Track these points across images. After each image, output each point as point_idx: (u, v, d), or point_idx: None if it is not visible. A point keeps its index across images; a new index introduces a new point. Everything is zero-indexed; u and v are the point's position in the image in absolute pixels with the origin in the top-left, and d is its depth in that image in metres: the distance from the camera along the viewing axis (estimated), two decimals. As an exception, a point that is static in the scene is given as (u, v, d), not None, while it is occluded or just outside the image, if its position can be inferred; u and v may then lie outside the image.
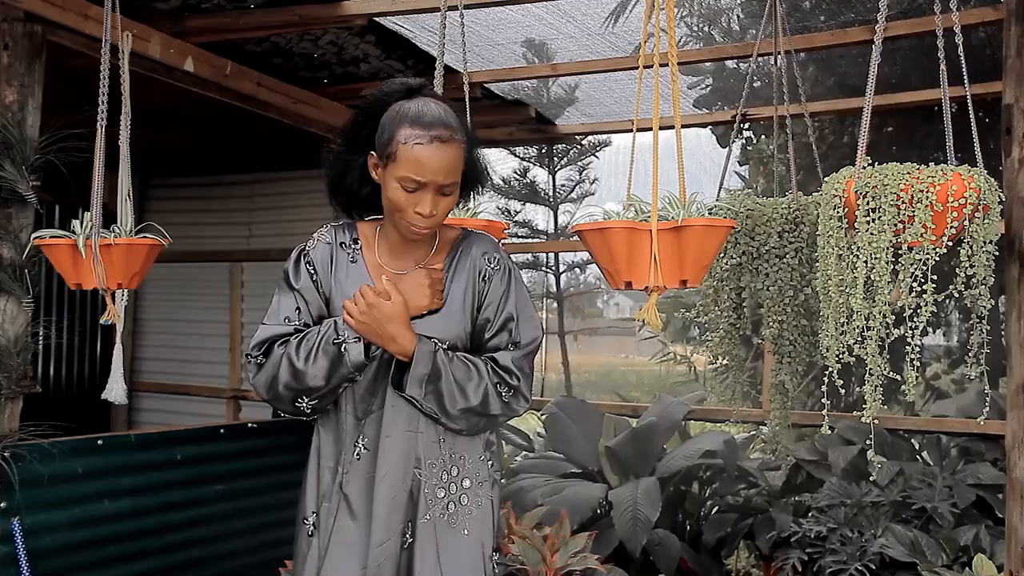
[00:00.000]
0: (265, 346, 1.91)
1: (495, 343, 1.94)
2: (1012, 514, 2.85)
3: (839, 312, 2.28)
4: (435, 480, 1.91)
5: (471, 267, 1.96)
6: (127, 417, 6.56)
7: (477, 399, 1.88)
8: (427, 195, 1.83)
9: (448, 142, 1.82)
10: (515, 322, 1.95)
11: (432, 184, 1.82)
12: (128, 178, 2.91)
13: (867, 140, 2.26)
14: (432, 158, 1.81)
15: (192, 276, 6.40)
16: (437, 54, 2.72)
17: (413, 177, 1.81)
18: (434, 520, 1.90)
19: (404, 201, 1.83)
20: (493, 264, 1.96)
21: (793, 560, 4.00)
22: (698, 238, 1.77)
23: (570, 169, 9.70)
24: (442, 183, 1.83)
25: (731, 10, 5.94)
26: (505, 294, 1.96)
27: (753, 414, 4.98)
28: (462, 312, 1.94)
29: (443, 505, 1.91)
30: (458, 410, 1.87)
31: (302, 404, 1.89)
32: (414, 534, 1.89)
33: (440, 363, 1.85)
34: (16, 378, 3.01)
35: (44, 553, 2.96)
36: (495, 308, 1.95)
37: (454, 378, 1.86)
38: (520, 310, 1.97)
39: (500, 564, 3.31)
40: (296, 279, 1.95)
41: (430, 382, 1.84)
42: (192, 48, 3.77)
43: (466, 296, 1.94)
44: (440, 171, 1.82)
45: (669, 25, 1.86)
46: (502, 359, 1.92)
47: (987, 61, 4.35)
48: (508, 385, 1.91)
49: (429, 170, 1.81)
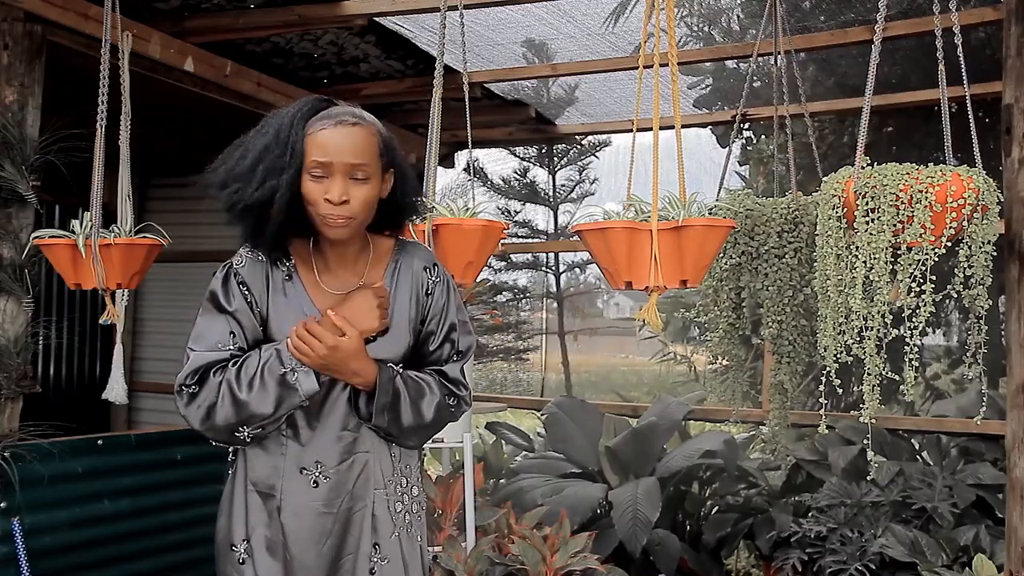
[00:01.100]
0: (199, 375, 1.79)
1: (439, 355, 1.93)
2: (1012, 514, 2.85)
3: (838, 312, 2.28)
4: (394, 496, 1.90)
5: (413, 281, 1.93)
6: (127, 417, 6.56)
7: (430, 415, 1.87)
8: (336, 180, 1.73)
9: (355, 125, 1.75)
10: (456, 332, 1.95)
11: (339, 165, 1.73)
12: (128, 178, 2.91)
13: (867, 140, 2.26)
14: (336, 137, 1.73)
15: (192, 276, 6.39)
16: (437, 54, 2.72)
17: (318, 160, 1.72)
18: (399, 535, 1.90)
19: (315, 192, 1.73)
20: (434, 277, 1.94)
21: (793, 560, 4.00)
22: (698, 238, 1.77)
23: (570, 169, 9.69)
24: (350, 162, 1.73)
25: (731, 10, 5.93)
26: (446, 305, 1.94)
27: (753, 414, 4.98)
28: (407, 327, 1.91)
29: (402, 517, 1.91)
30: (411, 427, 1.86)
31: (242, 434, 1.80)
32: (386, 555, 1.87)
33: (398, 387, 1.83)
34: (16, 378, 3.01)
35: (44, 553, 2.96)
36: (438, 321, 1.93)
37: (409, 398, 1.84)
38: (460, 318, 1.96)
39: (499, 564, 3.32)
40: (229, 301, 1.84)
41: (391, 409, 1.82)
42: (192, 48, 3.77)
43: (411, 310, 1.92)
44: (346, 150, 1.73)
45: (669, 25, 1.86)
46: (451, 372, 1.93)
47: (987, 61, 4.35)
48: (455, 396, 1.92)
49: (334, 149, 1.72)
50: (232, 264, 1.89)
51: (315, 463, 1.85)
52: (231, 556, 1.88)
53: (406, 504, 1.93)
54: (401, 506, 1.92)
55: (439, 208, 2.49)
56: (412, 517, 1.94)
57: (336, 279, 1.89)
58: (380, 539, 1.88)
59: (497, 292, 10.16)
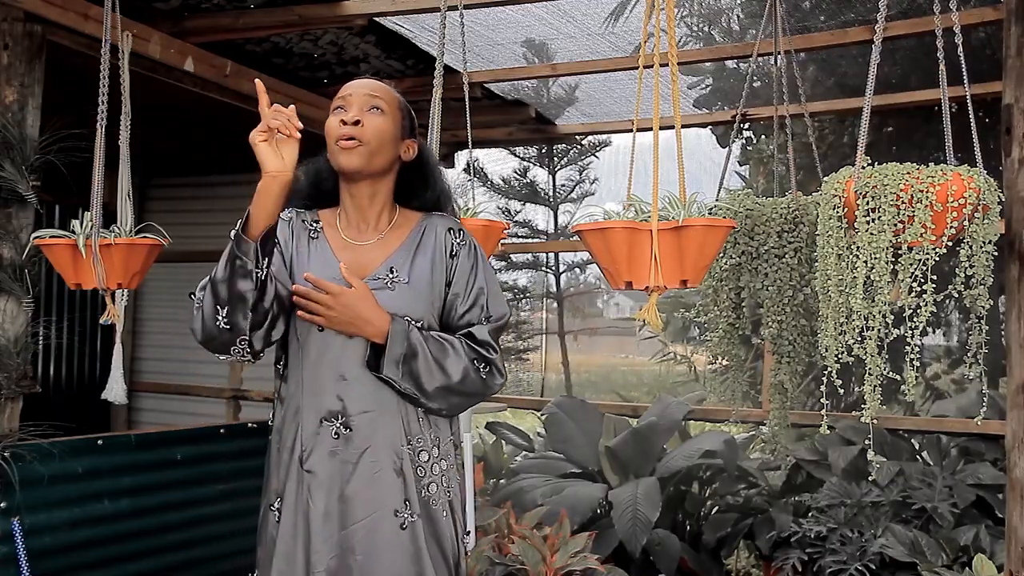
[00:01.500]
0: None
1: (468, 318, 1.92)
2: (1012, 514, 2.85)
3: (838, 312, 2.28)
4: (416, 459, 1.87)
5: (436, 243, 1.94)
6: (127, 417, 6.56)
7: (457, 376, 1.84)
8: (352, 107, 1.87)
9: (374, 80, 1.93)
10: (486, 296, 1.93)
11: (356, 96, 1.88)
12: (128, 178, 2.91)
13: (867, 140, 2.26)
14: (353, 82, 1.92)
15: (192, 276, 6.37)
16: (437, 54, 2.72)
17: (338, 97, 1.89)
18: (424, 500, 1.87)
19: (332, 122, 1.88)
20: (459, 240, 1.95)
21: (793, 560, 4.00)
22: (698, 238, 1.77)
23: (570, 169, 9.70)
24: (366, 93, 1.89)
25: (731, 10, 5.94)
26: (473, 268, 1.94)
27: (753, 414, 4.98)
28: (429, 288, 1.91)
29: (424, 485, 1.88)
30: (436, 388, 1.83)
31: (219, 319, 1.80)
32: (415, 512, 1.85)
33: (415, 341, 1.82)
34: (16, 378, 3.01)
35: (44, 553, 2.96)
36: (465, 282, 1.93)
37: (432, 355, 1.82)
38: (489, 284, 1.95)
39: (499, 564, 3.32)
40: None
41: (406, 362, 1.80)
42: (192, 48, 3.77)
43: (434, 272, 1.92)
44: (363, 87, 1.91)
45: (669, 25, 1.86)
46: (478, 333, 1.90)
47: (987, 61, 4.35)
48: (485, 360, 1.88)
49: (351, 87, 1.90)
50: None
51: (337, 413, 1.85)
52: (269, 516, 1.90)
53: (433, 474, 1.89)
54: (424, 472, 1.88)
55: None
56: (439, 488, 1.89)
57: (359, 234, 1.94)
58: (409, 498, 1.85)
59: (497, 292, 10.13)
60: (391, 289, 1.88)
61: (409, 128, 1.96)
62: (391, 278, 1.89)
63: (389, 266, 1.90)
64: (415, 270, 1.90)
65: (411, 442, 1.87)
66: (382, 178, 1.93)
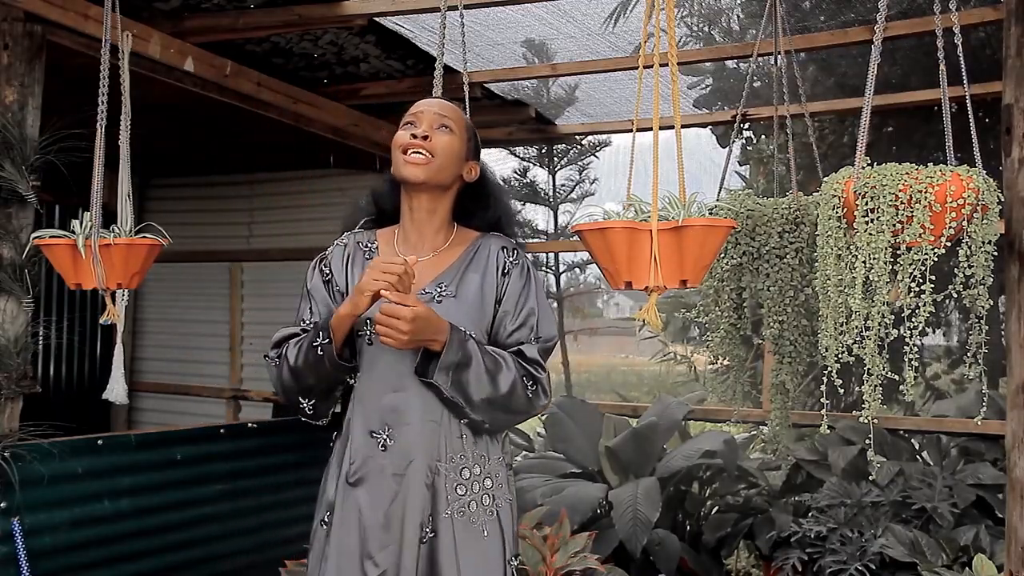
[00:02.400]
0: (279, 345, 1.94)
1: (517, 336, 1.93)
2: (1012, 514, 2.85)
3: (838, 312, 2.27)
4: (455, 475, 1.87)
5: (489, 260, 1.96)
6: (127, 417, 6.56)
7: (505, 388, 1.84)
8: (423, 121, 1.92)
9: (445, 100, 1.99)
10: (536, 316, 1.94)
11: (426, 114, 1.93)
12: (128, 178, 2.90)
13: (867, 140, 2.26)
14: (425, 100, 1.99)
15: (192, 276, 6.39)
16: (437, 54, 2.71)
17: (410, 113, 1.96)
18: (452, 517, 1.86)
19: (402, 135, 1.92)
20: (512, 258, 1.97)
21: (793, 560, 4.00)
22: (698, 238, 1.77)
23: (570, 169, 9.69)
24: (437, 112, 1.94)
25: (731, 10, 5.94)
26: (525, 288, 1.96)
27: (753, 414, 4.98)
28: (479, 303, 1.92)
29: (464, 503, 1.87)
30: (483, 399, 1.83)
31: (304, 404, 1.91)
32: (436, 529, 1.85)
33: (471, 351, 1.83)
34: (16, 378, 3.01)
35: (44, 553, 2.96)
36: (515, 301, 1.94)
37: (484, 366, 1.83)
38: (540, 305, 1.96)
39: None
40: (310, 281, 2.01)
41: (459, 370, 1.81)
42: (192, 48, 3.77)
43: (484, 287, 1.93)
44: (434, 104, 1.96)
45: (669, 25, 1.86)
46: (528, 351, 1.91)
47: (987, 61, 4.35)
48: (533, 378, 1.89)
49: (423, 104, 1.97)
50: (324, 252, 2.05)
51: (384, 425, 1.87)
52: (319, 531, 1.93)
53: (475, 492, 1.88)
54: (465, 489, 1.88)
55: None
56: (480, 508, 1.88)
57: (414, 250, 1.96)
58: (436, 513, 1.86)
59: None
60: (439, 303, 1.90)
61: (474, 150, 2.01)
62: (439, 292, 1.92)
63: (439, 282, 1.93)
64: (464, 285, 1.93)
65: (451, 458, 1.87)
66: (443, 195, 1.97)
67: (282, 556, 3.25)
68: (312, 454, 2.08)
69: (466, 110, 2.93)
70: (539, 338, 1.94)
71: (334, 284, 1.97)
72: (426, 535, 1.85)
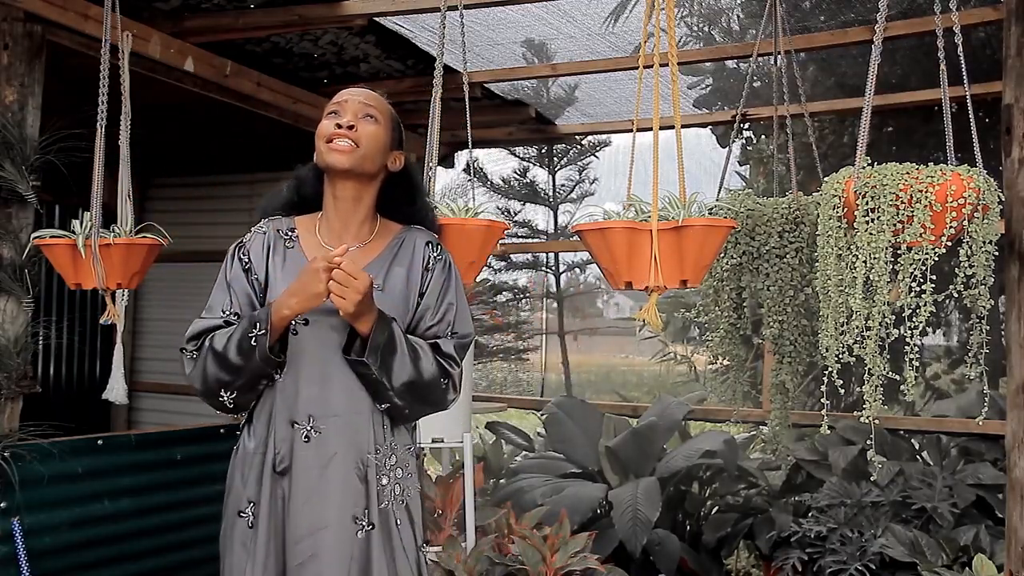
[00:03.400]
0: (199, 338, 1.90)
1: (435, 331, 1.95)
2: (1012, 514, 2.85)
3: (838, 312, 2.27)
4: (381, 466, 1.89)
5: (415, 255, 1.98)
6: (127, 417, 6.56)
7: (427, 375, 1.87)
8: (346, 110, 1.92)
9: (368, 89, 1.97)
10: (455, 312, 1.97)
11: (351, 103, 1.92)
12: (128, 178, 2.91)
13: (867, 140, 2.26)
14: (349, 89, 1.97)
15: (192, 276, 6.39)
16: (437, 54, 2.71)
17: (333, 102, 1.94)
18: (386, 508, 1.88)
19: (326, 124, 1.91)
20: (436, 254, 2.00)
21: (793, 560, 4.00)
22: (698, 238, 1.77)
23: (570, 169, 9.68)
24: (361, 101, 1.93)
25: (731, 10, 5.93)
26: (446, 283, 1.98)
27: (753, 414, 4.98)
28: (403, 297, 1.94)
29: (388, 491, 1.90)
30: (404, 383, 1.85)
31: (224, 398, 1.87)
32: (373, 521, 1.87)
33: (397, 334, 1.85)
34: (16, 378, 3.01)
35: (44, 553, 2.96)
36: (436, 296, 1.97)
37: (407, 350, 1.85)
38: (459, 302, 1.99)
39: (499, 564, 3.32)
40: (227, 271, 1.98)
41: (384, 351, 1.82)
42: (192, 48, 3.77)
43: (409, 282, 1.96)
44: (358, 95, 1.95)
45: (669, 25, 1.86)
46: (444, 346, 1.94)
47: (987, 61, 4.35)
48: (446, 373, 1.92)
49: (346, 93, 1.95)
50: (241, 240, 2.03)
51: (307, 416, 1.87)
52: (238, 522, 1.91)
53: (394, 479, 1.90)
54: (387, 479, 1.90)
55: (440, 208, 2.49)
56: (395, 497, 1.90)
57: (339, 241, 1.94)
58: (370, 505, 1.87)
59: (497, 292, 10.15)
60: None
61: (398, 140, 2.00)
62: None
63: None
64: (390, 279, 1.94)
65: (378, 449, 1.89)
66: (368, 184, 1.97)
67: (282, 556, 3.25)
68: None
69: (466, 110, 2.94)
70: (455, 334, 1.96)
71: (253, 272, 1.95)
72: (362, 527, 1.86)
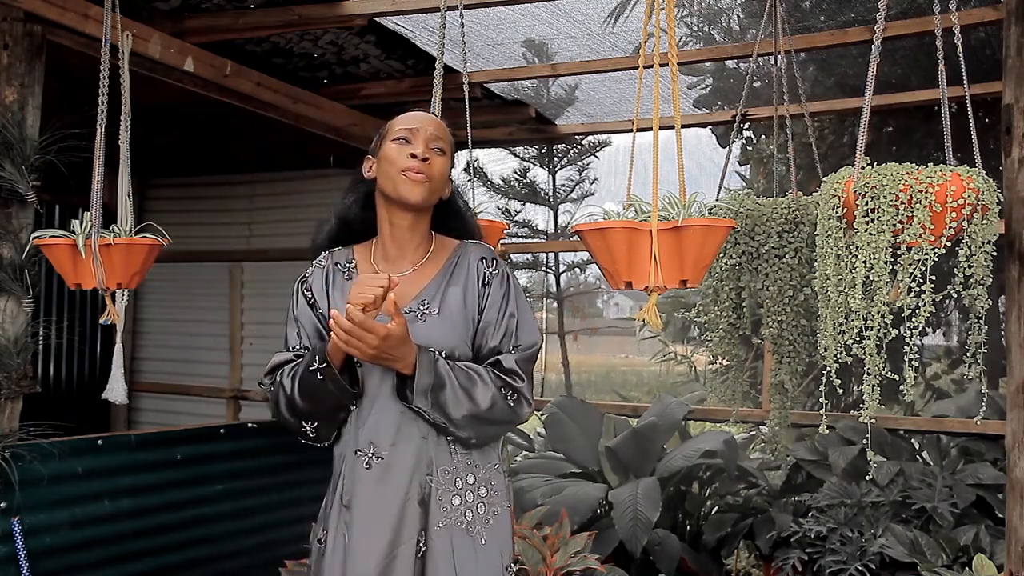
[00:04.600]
0: (273, 372, 1.94)
1: (497, 346, 1.94)
2: (1012, 514, 2.85)
3: (838, 312, 2.27)
4: (449, 487, 1.88)
5: (469, 272, 1.97)
6: (127, 417, 6.56)
7: (485, 404, 1.85)
8: (419, 141, 1.90)
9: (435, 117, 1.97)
10: (516, 325, 1.95)
11: (423, 131, 1.91)
12: (128, 178, 2.91)
13: (867, 140, 2.26)
14: (418, 115, 1.96)
15: (192, 276, 6.39)
16: (437, 54, 2.72)
17: (403, 127, 1.91)
18: (450, 528, 1.86)
19: (398, 153, 1.90)
20: (492, 268, 1.98)
21: (793, 560, 4.00)
22: (698, 238, 1.77)
23: (570, 169, 9.69)
24: (433, 132, 1.92)
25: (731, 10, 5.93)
26: (505, 297, 1.96)
27: (753, 414, 4.98)
28: (463, 317, 1.93)
29: (460, 512, 1.88)
30: (464, 416, 1.84)
31: (306, 428, 1.91)
32: (427, 543, 1.86)
33: (443, 371, 1.83)
34: (16, 378, 3.01)
35: (44, 553, 2.97)
36: (496, 311, 1.95)
37: (459, 384, 1.84)
38: (521, 313, 1.97)
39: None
40: (296, 307, 2.00)
41: (434, 391, 1.82)
42: (192, 48, 3.77)
43: (466, 300, 1.94)
44: (429, 122, 1.94)
45: (669, 25, 1.86)
46: (506, 361, 1.91)
47: (987, 61, 4.35)
48: (512, 388, 1.89)
49: (418, 120, 1.93)
50: (304, 274, 2.04)
51: (368, 444, 1.88)
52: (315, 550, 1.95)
53: (469, 502, 1.90)
54: (459, 499, 1.89)
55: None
56: (476, 517, 1.89)
57: (393, 266, 1.96)
58: (427, 526, 1.86)
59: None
60: (422, 321, 1.91)
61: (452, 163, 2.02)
62: (422, 311, 1.92)
63: (421, 299, 1.93)
64: (446, 301, 1.93)
65: (443, 471, 1.88)
66: (427, 211, 1.99)
67: (282, 556, 3.25)
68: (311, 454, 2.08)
69: (466, 110, 2.94)
70: (519, 346, 1.94)
71: (317, 307, 1.97)
72: (420, 550, 1.86)
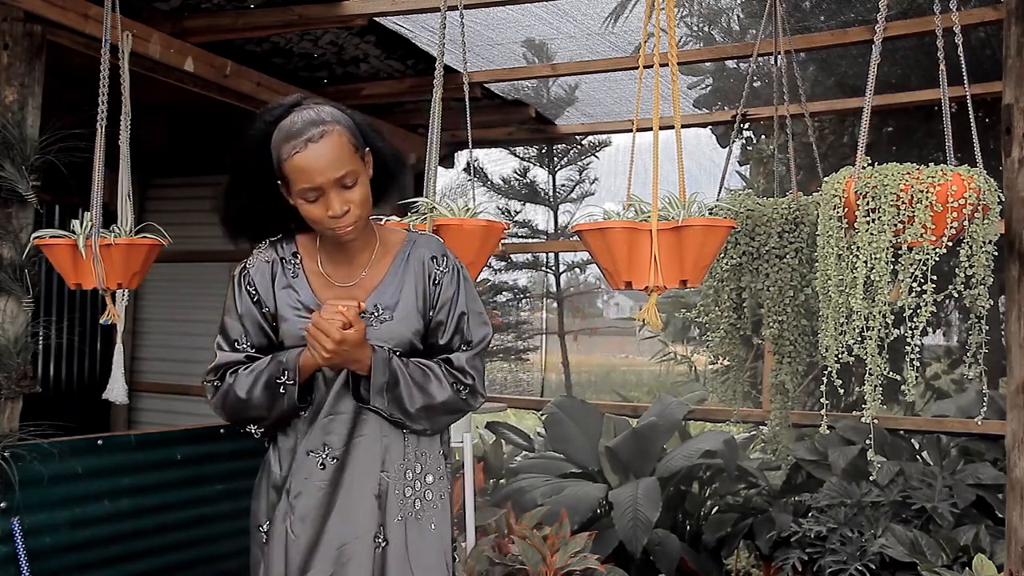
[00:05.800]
0: (220, 372, 1.94)
1: (448, 344, 1.97)
2: (1012, 514, 2.85)
3: (839, 312, 2.28)
4: (401, 480, 1.92)
5: (420, 270, 1.98)
6: (127, 417, 6.56)
7: (439, 398, 1.90)
8: (331, 195, 1.80)
9: (322, 137, 1.79)
10: (467, 322, 1.98)
11: (327, 183, 1.79)
12: (128, 178, 2.91)
13: (867, 140, 2.26)
14: (312, 159, 1.78)
15: (192, 276, 6.39)
16: (437, 54, 2.72)
17: (307, 187, 1.80)
18: (405, 520, 1.92)
19: (315, 212, 1.82)
20: (442, 266, 1.99)
21: (793, 560, 4.00)
22: (698, 238, 1.77)
23: (570, 169, 9.69)
24: (336, 177, 1.79)
25: (731, 10, 5.92)
26: (455, 294, 1.98)
27: (753, 414, 4.98)
28: (415, 313, 1.95)
29: (411, 503, 1.93)
30: (418, 409, 1.89)
31: (252, 429, 1.95)
32: (387, 537, 1.90)
33: (396, 369, 1.87)
34: (16, 378, 3.01)
35: (44, 553, 2.96)
36: (447, 310, 1.97)
37: (413, 381, 1.89)
38: (470, 308, 1.99)
39: (499, 564, 3.32)
40: (239, 302, 1.97)
41: (389, 389, 1.87)
42: (192, 48, 3.77)
43: (418, 300, 1.96)
44: (327, 167, 1.78)
45: (669, 25, 1.86)
46: (456, 360, 1.95)
47: (987, 61, 4.35)
48: (464, 384, 1.95)
49: (317, 171, 1.78)
50: (245, 265, 1.99)
51: (322, 445, 1.91)
52: (257, 536, 1.97)
53: (417, 491, 1.94)
54: (411, 491, 1.93)
55: (440, 208, 2.49)
56: (425, 504, 1.94)
57: (340, 270, 1.96)
58: (385, 521, 1.90)
59: (497, 292, 10.16)
60: (379, 322, 1.93)
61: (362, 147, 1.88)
62: (376, 316, 1.93)
63: (374, 303, 1.94)
64: (400, 301, 1.95)
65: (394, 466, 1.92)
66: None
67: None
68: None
69: (466, 110, 2.94)
70: (470, 342, 1.97)
71: (262, 304, 1.95)
72: (379, 544, 1.90)
